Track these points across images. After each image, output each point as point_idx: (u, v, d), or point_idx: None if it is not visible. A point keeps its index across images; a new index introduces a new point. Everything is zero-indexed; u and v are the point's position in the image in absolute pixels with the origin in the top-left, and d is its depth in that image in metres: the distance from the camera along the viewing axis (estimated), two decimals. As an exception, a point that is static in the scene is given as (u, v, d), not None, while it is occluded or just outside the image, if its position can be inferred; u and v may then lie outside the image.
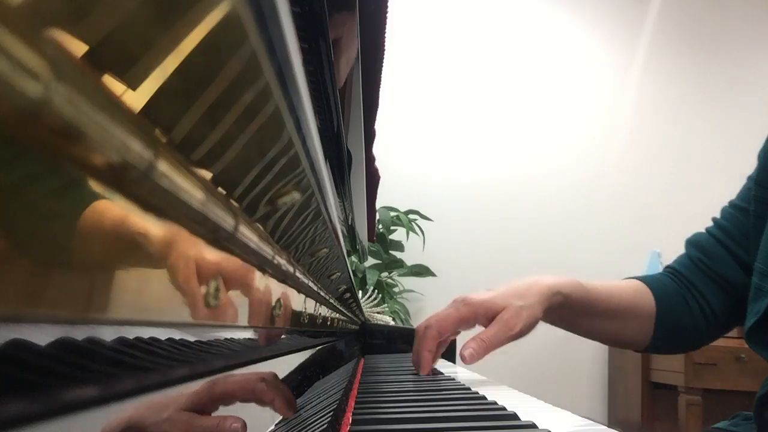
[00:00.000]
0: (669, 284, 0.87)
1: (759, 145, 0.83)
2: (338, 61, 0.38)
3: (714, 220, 0.88)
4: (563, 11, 2.99)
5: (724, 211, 0.88)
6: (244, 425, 0.23)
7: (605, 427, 0.45)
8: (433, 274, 2.59)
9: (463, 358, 0.73)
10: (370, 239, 1.18)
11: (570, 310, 0.82)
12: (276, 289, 0.32)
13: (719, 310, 0.84)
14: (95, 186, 0.12)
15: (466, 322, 0.78)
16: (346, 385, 0.60)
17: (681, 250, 0.93)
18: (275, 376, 0.29)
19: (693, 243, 0.89)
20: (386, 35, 0.54)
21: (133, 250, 0.14)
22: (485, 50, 2.92)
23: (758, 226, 0.78)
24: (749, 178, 0.84)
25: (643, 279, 0.88)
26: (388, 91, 2.12)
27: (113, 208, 0.13)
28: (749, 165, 0.85)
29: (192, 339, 0.19)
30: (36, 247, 0.10)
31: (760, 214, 0.78)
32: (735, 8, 3.12)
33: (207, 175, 0.18)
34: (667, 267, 0.91)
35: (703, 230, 0.90)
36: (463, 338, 1.10)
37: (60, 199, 0.11)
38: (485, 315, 0.77)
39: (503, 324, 0.75)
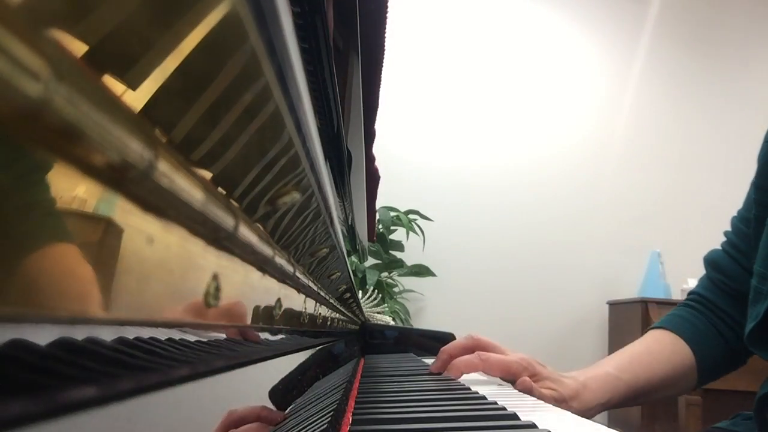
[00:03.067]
0: (696, 320, 0.85)
1: (759, 145, 0.82)
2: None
3: (725, 234, 0.88)
4: (563, 11, 2.99)
5: (732, 223, 0.87)
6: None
7: (605, 427, 0.45)
8: (433, 274, 2.59)
9: (518, 386, 0.72)
10: (370, 239, 1.18)
11: (616, 405, 0.80)
12: (276, 289, 0.32)
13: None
14: (95, 186, 0.12)
15: (509, 374, 0.75)
16: (346, 385, 0.60)
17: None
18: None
19: (710, 262, 0.88)
20: (386, 35, 0.54)
21: (133, 249, 0.14)
22: (485, 51, 2.92)
23: (758, 230, 0.77)
24: (752, 184, 0.84)
25: (672, 327, 0.86)
26: (388, 91, 2.13)
27: (111, 207, 0.13)
28: (749, 165, 0.85)
29: (192, 339, 0.19)
30: (36, 247, 0.10)
31: (760, 218, 0.78)
32: (735, 8, 3.12)
33: (207, 175, 0.18)
34: (691, 292, 0.89)
35: (717, 246, 0.89)
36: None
37: (59, 199, 0.11)
38: (537, 380, 0.74)
39: (552, 399, 0.72)
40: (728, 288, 0.84)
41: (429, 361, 1.08)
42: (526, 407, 0.57)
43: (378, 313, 1.73)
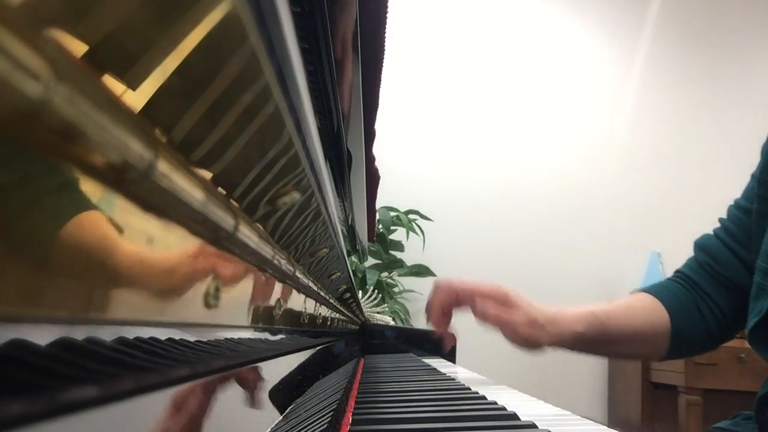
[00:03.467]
0: (680, 293, 0.87)
1: (759, 145, 0.82)
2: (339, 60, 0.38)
3: (720, 220, 0.88)
4: (563, 11, 2.99)
5: (729, 211, 0.88)
6: None
7: (605, 427, 0.45)
8: (433, 274, 2.59)
9: (473, 308, 0.76)
10: (370, 239, 1.18)
11: (587, 344, 0.83)
12: (276, 289, 0.32)
13: (728, 312, 0.84)
14: (95, 186, 0.12)
15: (484, 295, 0.79)
16: (346, 385, 0.60)
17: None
18: None
19: (700, 246, 0.89)
20: (386, 35, 0.54)
21: (133, 249, 0.14)
22: (485, 51, 2.92)
23: (760, 225, 0.77)
24: (753, 177, 0.84)
25: (654, 292, 0.88)
26: (388, 91, 2.12)
27: (111, 207, 0.13)
28: (750, 165, 0.85)
29: (192, 339, 0.19)
30: (36, 247, 0.10)
31: (763, 213, 0.78)
32: (735, 7, 3.12)
33: (207, 175, 0.18)
34: (677, 271, 0.91)
35: (710, 231, 0.90)
36: (466, 337, 1.11)
37: (60, 199, 0.11)
38: (505, 303, 0.78)
39: (510, 321, 0.76)
40: (715, 273, 0.85)
41: (429, 361, 1.09)
42: (525, 407, 0.57)
43: (378, 313, 1.74)
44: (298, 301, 0.40)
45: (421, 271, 2.58)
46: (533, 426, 0.41)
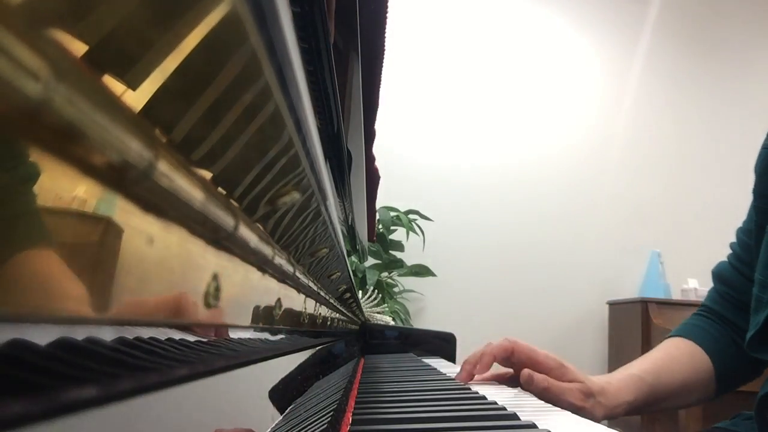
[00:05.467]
0: (712, 329, 0.86)
1: (759, 145, 0.82)
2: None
3: (731, 245, 0.89)
4: (562, 11, 2.99)
5: (737, 236, 0.88)
6: None
7: (605, 427, 0.45)
8: (433, 274, 2.59)
9: (522, 377, 0.72)
10: (370, 239, 1.18)
11: (639, 409, 0.81)
12: (276, 289, 0.32)
13: None
14: (95, 186, 0.12)
15: (538, 365, 0.75)
16: (346, 385, 0.60)
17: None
18: None
19: (717, 276, 0.89)
20: (386, 35, 0.54)
21: (133, 249, 0.14)
22: (485, 51, 2.92)
23: (759, 237, 0.77)
24: (753, 194, 0.84)
25: (689, 335, 0.86)
26: (388, 91, 2.12)
27: (112, 207, 0.13)
28: (749, 165, 0.85)
29: (192, 339, 0.19)
30: (36, 247, 0.10)
31: (761, 224, 0.78)
32: (735, 8, 3.12)
33: (207, 175, 0.18)
34: (702, 305, 0.90)
35: (725, 259, 0.90)
36: (465, 337, 1.10)
37: (60, 199, 0.11)
38: (562, 375, 0.74)
39: (578, 391, 0.73)
40: (734, 300, 0.85)
41: (429, 361, 1.09)
42: (525, 408, 0.57)
43: (378, 313, 1.73)
44: (298, 301, 0.40)
45: (421, 271, 2.58)
46: (533, 426, 0.41)
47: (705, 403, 0.88)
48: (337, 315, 0.74)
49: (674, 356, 0.84)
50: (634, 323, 2.55)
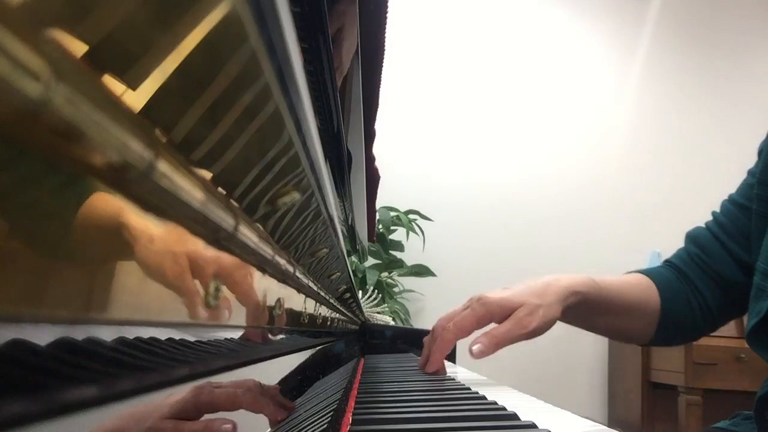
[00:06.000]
0: (672, 279, 0.88)
1: (759, 144, 0.82)
2: (339, 56, 0.38)
3: (714, 214, 0.89)
4: (563, 11, 2.99)
5: (723, 206, 0.88)
6: (235, 427, 0.22)
7: (605, 427, 0.45)
8: (433, 274, 2.59)
9: (471, 353, 0.73)
10: (370, 239, 1.18)
11: (586, 309, 0.82)
12: (276, 289, 0.32)
13: (715, 306, 0.85)
14: (95, 186, 0.12)
15: (483, 322, 0.77)
16: (346, 385, 0.60)
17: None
18: (260, 385, 0.28)
19: (691, 238, 0.90)
20: (386, 35, 0.54)
21: (133, 249, 0.14)
22: (485, 51, 2.92)
23: (760, 226, 0.77)
24: (750, 173, 0.84)
25: (648, 274, 0.90)
26: (388, 91, 2.12)
27: (112, 208, 0.13)
28: (750, 164, 0.85)
29: (192, 339, 0.19)
30: (36, 247, 0.10)
31: (763, 214, 0.78)
32: (735, 7, 3.12)
33: (207, 175, 0.18)
34: (666, 261, 0.92)
35: (702, 225, 0.90)
36: (466, 337, 1.10)
37: (60, 199, 0.11)
38: (501, 314, 0.76)
39: (517, 321, 0.74)
40: (704, 265, 0.86)
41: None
42: (525, 408, 0.57)
43: (378, 313, 1.74)
44: (298, 301, 0.40)
45: (421, 271, 2.58)
46: (533, 426, 0.41)
47: (637, 343, 0.90)
48: (337, 315, 0.74)
49: (629, 281, 0.88)
50: (634, 323, 2.55)
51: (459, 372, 0.95)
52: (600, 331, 0.91)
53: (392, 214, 2.52)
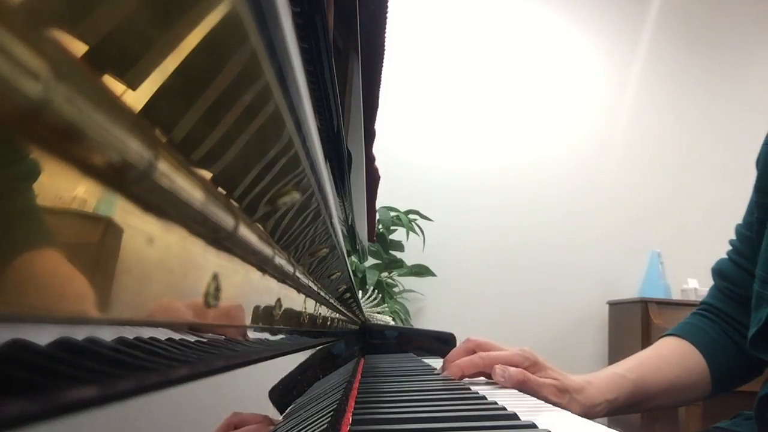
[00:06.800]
0: (707, 327, 0.84)
1: (758, 144, 0.82)
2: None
3: (731, 242, 0.88)
4: (562, 11, 2.99)
5: (737, 231, 0.87)
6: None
7: (605, 427, 0.45)
8: (433, 274, 2.59)
9: (496, 375, 0.71)
10: (370, 239, 1.18)
11: (624, 407, 0.79)
12: (276, 289, 0.32)
13: None
14: (95, 186, 0.12)
15: (516, 365, 0.74)
16: (346, 385, 0.60)
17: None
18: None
19: (717, 272, 0.88)
20: (386, 35, 0.54)
21: (133, 249, 0.14)
22: (485, 51, 2.92)
23: (760, 233, 0.77)
24: (754, 189, 0.83)
25: (682, 333, 0.85)
26: (388, 91, 2.12)
27: (112, 208, 0.13)
28: (749, 164, 0.85)
29: (192, 339, 0.19)
30: (36, 247, 0.10)
31: (762, 220, 0.78)
32: (735, 8, 3.12)
33: (207, 175, 0.18)
34: (702, 302, 0.89)
35: (724, 255, 0.89)
36: (465, 337, 1.10)
37: (60, 199, 0.11)
38: (539, 372, 0.73)
39: (554, 387, 0.71)
40: (736, 296, 0.84)
41: (429, 361, 1.09)
42: (525, 408, 0.57)
43: (378, 313, 1.74)
44: (298, 301, 0.40)
45: (421, 271, 2.58)
46: (533, 426, 0.41)
47: (701, 401, 0.86)
48: (337, 315, 0.74)
49: (664, 355, 0.83)
50: (634, 323, 2.56)
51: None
52: (653, 411, 0.87)
53: (392, 214, 2.52)
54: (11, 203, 0.09)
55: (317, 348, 0.59)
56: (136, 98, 0.12)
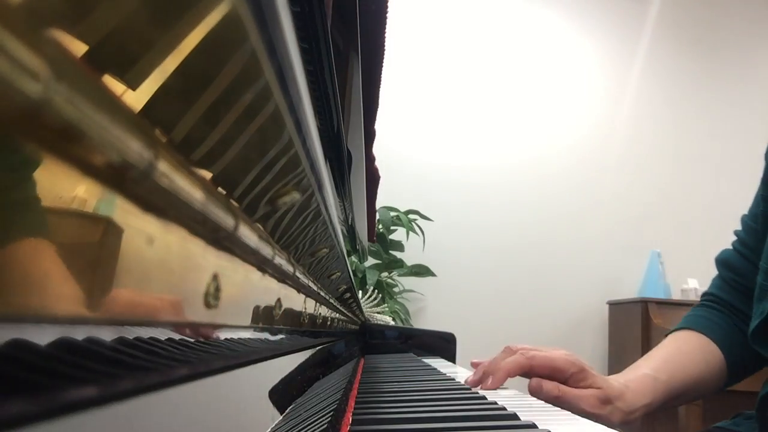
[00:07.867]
0: (719, 319, 0.84)
1: (759, 145, 0.82)
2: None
3: (735, 233, 0.87)
4: (563, 11, 2.99)
5: (742, 222, 0.87)
6: None
7: (605, 427, 0.45)
8: (433, 274, 2.59)
9: (529, 386, 0.70)
10: (370, 239, 1.18)
11: (656, 409, 0.78)
12: (276, 289, 0.32)
13: None
14: (95, 186, 0.12)
15: (558, 373, 0.73)
16: (346, 385, 0.60)
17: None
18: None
19: (722, 262, 0.87)
20: (386, 35, 0.54)
21: (133, 249, 0.14)
22: (485, 51, 2.92)
23: (766, 226, 0.77)
24: (762, 181, 0.83)
25: (697, 327, 0.84)
26: (388, 90, 2.12)
27: (112, 208, 0.13)
28: (749, 164, 0.85)
29: (192, 339, 0.19)
30: (36, 247, 0.10)
31: (766, 213, 0.78)
32: (735, 8, 3.12)
33: (207, 175, 0.18)
34: (706, 293, 0.88)
35: (725, 247, 0.88)
36: (466, 337, 1.10)
37: (60, 199, 0.11)
38: (584, 380, 0.72)
39: (595, 398, 0.70)
40: (741, 286, 0.83)
41: (429, 361, 1.09)
42: (528, 408, 0.57)
43: (378, 313, 1.74)
44: (298, 301, 0.40)
45: (421, 271, 2.58)
46: (533, 426, 0.41)
47: (715, 393, 0.86)
48: (337, 315, 0.74)
49: (685, 351, 0.82)
50: (634, 323, 2.55)
51: (459, 372, 0.95)
52: (674, 406, 0.87)
53: (392, 214, 2.52)
54: (11, 203, 0.09)
55: (317, 348, 0.59)
56: (136, 98, 0.12)
